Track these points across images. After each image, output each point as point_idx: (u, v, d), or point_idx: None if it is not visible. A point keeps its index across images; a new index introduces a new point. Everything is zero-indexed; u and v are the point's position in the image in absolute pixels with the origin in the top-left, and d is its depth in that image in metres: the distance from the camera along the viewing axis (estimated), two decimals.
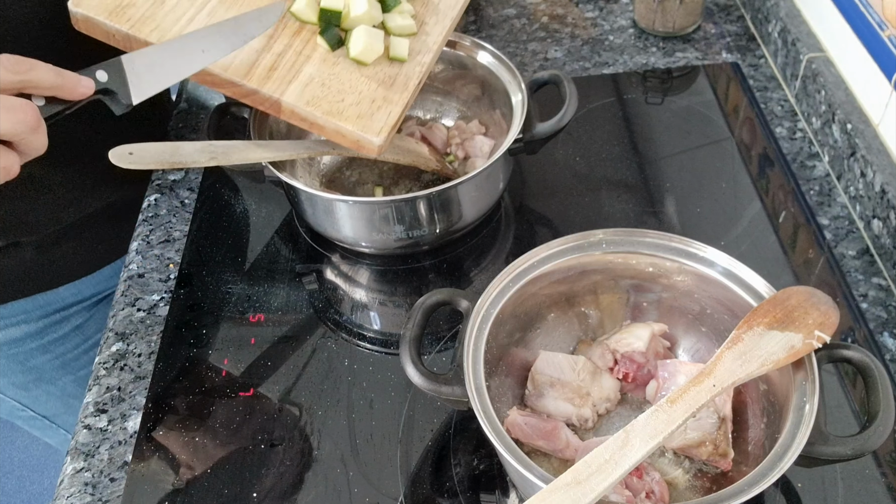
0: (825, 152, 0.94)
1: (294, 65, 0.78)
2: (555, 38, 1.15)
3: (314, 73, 0.78)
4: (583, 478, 0.52)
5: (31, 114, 0.58)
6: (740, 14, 1.16)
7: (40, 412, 1.05)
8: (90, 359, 1.00)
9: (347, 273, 0.88)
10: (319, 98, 0.77)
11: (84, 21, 0.74)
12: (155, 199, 0.96)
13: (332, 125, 0.76)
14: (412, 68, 0.81)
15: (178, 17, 0.76)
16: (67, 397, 1.03)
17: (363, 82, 0.79)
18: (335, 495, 0.69)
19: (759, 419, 0.65)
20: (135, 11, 0.75)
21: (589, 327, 0.74)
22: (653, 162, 0.96)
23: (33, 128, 0.58)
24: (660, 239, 0.69)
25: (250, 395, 0.76)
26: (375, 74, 0.80)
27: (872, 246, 0.84)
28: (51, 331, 0.96)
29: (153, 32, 0.74)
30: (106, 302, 0.99)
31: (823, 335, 0.60)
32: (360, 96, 0.78)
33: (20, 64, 0.59)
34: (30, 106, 0.58)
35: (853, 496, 0.65)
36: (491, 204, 0.87)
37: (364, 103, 0.77)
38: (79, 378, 1.01)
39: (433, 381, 0.62)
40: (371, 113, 0.77)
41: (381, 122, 0.77)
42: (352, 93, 0.78)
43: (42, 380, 0.99)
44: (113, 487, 0.71)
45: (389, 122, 0.77)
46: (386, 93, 0.79)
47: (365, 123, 0.76)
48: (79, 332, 0.98)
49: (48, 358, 0.97)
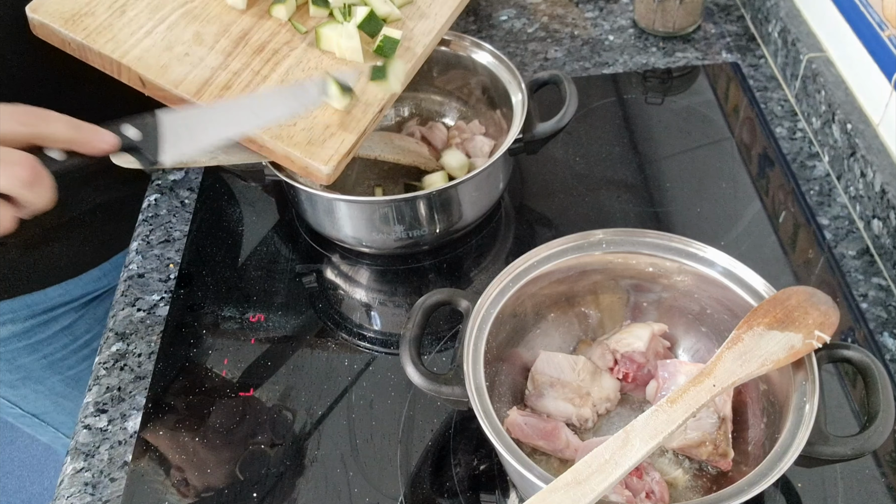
0: (825, 152, 0.94)
1: (249, 84, 0.76)
2: (555, 38, 1.15)
3: None
4: (583, 478, 0.52)
5: (28, 170, 0.55)
6: (740, 14, 1.16)
7: (29, 410, 1.05)
8: (78, 359, 1.00)
9: (347, 273, 0.88)
10: None
11: (41, 27, 0.73)
12: (155, 199, 0.96)
13: (281, 149, 0.74)
14: (372, 96, 0.79)
15: (134, 29, 0.75)
16: (56, 396, 1.03)
17: (320, 107, 0.77)
18: (335, 495, 0.69)
19: (759, 419, 0.65)
20: (92, 21, 0.74)
21: (589, 327, 0.74)
22: (653, 162, 0.96)
23: (29, 184, 0.55)
24: (660, 239, 0.69)
25: (250, 395, 0.76)
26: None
27: (872, 246, 0.84)
28: (38, 331, 0.95)
29: (108, 43, 0.73)
30: (95, 303, 0.99)
31: (823, 335, 0.60)
32: (313, 121, 0.76)
33: (32, 115, 0.57)
34: (29, 161, 0.55)
35: (853, 496, 0.65)
36: (491, 204, 0.87)
37: (317, 129, 0.75)
38: (67, 378, 1.01)
39: (433, 381, 0.62)
40: (323, 140, 0.75)
41: (331, 150, 0.74)
42: (305, 118, 0.75)
43: (30, 379, 0.99)
44: (113, 487, 0.71)
45: (341, 151, 0.75)
46: (342, 119, 0.76)
47: (314, 150, 0.74)
48: (67, 333, 0.98)
49: (35, 358, 0.97)
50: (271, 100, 0.73)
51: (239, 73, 0.76)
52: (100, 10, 0.75)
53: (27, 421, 1.07)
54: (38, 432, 1.10)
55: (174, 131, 0.65)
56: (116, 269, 0.99)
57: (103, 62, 0.74)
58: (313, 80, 0.77)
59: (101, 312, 0.99)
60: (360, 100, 0.78)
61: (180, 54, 0.75)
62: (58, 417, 1.07)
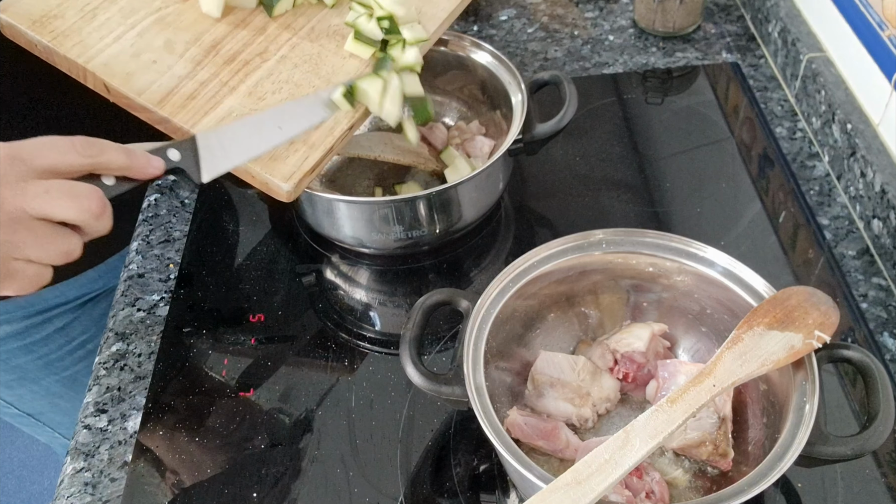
0: (825, 152, 0.94)
1: (216, 95, 0.74)
2: (555, 38, 1.15)
3: (235, 107, 0.74)
4: (583, 478, 0.52)
5: (96, 202, 0.58)
6: (740, 14, 1.16)
7: (25, 410, 1.05)
8: (74, 360, 1.00)
9: (347, 273, 0.88)
10: None
11: (8, 28, 0.72)
12: (155, 199, 0.96)
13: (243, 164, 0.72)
14: (342, 114, 0.77)
15: (104, 34, 0.73)
16: (52, 396, 1.03)
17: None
18: (335, 495, 0.69)
19: (759, 419, 0.65)
20: (60, 24, 0.72)
21: (589, 327, 0.74)
22: (653, 162, 0.96)
23: (98, 216, 0.58)
24: (660, 239, 0.69)
25: (250, 395, 0.76)
26: None
27: (872, 246, 0.84)
28: (33, 331, 0.95)
29: (75, 48, 0.72)
30: (91, 304, 0.99)
31: (823, 335, 0.60)
32: None
33: (91, 147, 0.59)
34: (96, 193, 0.58)
35: (853, 496, 0.65)
36: (491, 204, 0.87)
37: (281, 144, 0.73)
38: (63, 378, 1.01)
39: (433, 381, 0.62)
40: (286, 156, 0.73)
41: (293, 166, 0.72)
42: None
43: (26, 379, 0.99)
44: (113, 487, 0.71)
45: (303, 168, 0.72)
46: (308, 135, 0.74)
47: (276, 166, 0.72)
48: (62, 334, 0.98)
49: (31, 358, 0.97)
50: (293, 112, 0.73)
51: (206, 84, 0.74)
52: (70, 13, 0.73)
53: (24, 421, 1.07)
54: (35, 432, 1.10)
55: (210, 150, 0.66)
56: (112, 271, 0.99)
57: (69, 66, 0.72)
58: (328, 89, 0.77)
59: (97, 314, 0.99)
60: (331, 117, 0.76)
61: (148, 62, 0.74)
62: (54, 417, 1.07)
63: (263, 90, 0.76)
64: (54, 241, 0.57)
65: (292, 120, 0.72)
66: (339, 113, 0.76)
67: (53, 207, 0.56)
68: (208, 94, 0.74)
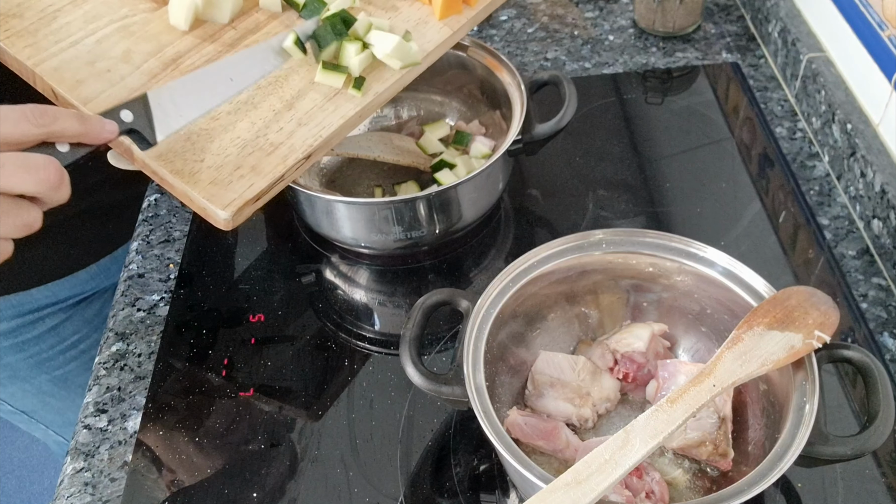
0: (825, 152, 0.94)
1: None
2: (555, 38, 1.15)
3: (183, 125, 0.69)
4: (583, 478, 0.52)
5: (54, 172, 0.56)
6: (740, 14, 1.16)
7: (18, 407, 1.05)
8: (66, 360, 1.00)
9: (347, 273, 0.88)
10: (176, 154, 0.68)
11: None
12: (155, 199, 0.96)
13: (181, 187, 0.68)
14: (301, 140, 0.72)
15: (60, 38, 0.70)
16: (43, 395, 1.03)
17: (236, 144, 0.70)
18: (335, 495, 0.69)
19: (759, 419, 0.65)
20: (17, 24, 0.70)
21: (589, 327, 0.74)
22: (653, 162, 0.96)
23: (56, 186, 0.57)
24: (660, 239, 0.69)
25: (250, 395, 0.76)
26: (258, 137, 0.71)
27: (872, 246, 0.84)
28: (24, 331, 0.95)
29: (26, 49, 0.69)
30: (84, 304, 0.99)
31: (823, 335, 0.60)
32: (224, 160, 0.69)
33: (44, 115, 0.57)
34: (53, 164, 0.57)
35: (853, 496, 0.65)
36: (490, 204, 0.87)
37: (226, 168, 0.69)
38: (54, 378, 1.01)
39: (433, 381, 0.62)
40: (229, 181, 0.68)
41: (235, 193, 0.67)
42: (217, 155, 0.69)
43: (17, 377, 0.99)
44: (113, 487, 0.71)
45: (245, 196, 0.67)
46: (258, 161, 0.70)
47: (216, 192, 0.67)
48: (54, 333, 0.98)
49: (22, 357, 0.97)
50: (244, 62, 0.71)
51: None
52: (30, 13, 0.71)
53: (18, 418, 1.07)
54: (31, 429, 1.11)
55: (162, 108, 0.64)
56: (104, 272, 0.98)
57: (20, 67, 0.70)
58: (278, 37, 0.75)
59: (89, 314, 0.99)
60: (286, 143, 0.72)
61: (102, 70, 0.70)
62: (46, 416, 1.07)
63: (219, 109, 0.72)
64: (13, 215, 0.56)
65: (244, 71, 0.69)
66: (297, 140, 0.72)
67: (10, 181, 0.54)
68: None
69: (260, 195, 0.69)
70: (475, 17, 0.87)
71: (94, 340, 1.00)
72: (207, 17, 0.77)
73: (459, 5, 0.85)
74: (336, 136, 0.75)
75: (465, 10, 0.86)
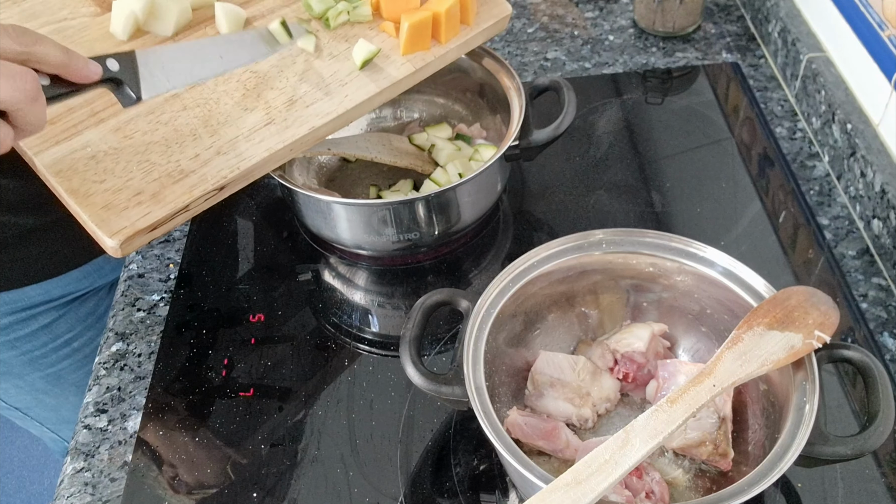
0: (825, 152, 0.94)
1: (79, 125, 0.67)
2: (555, 39, 1.15)
3: (93, 141, 0.67)
4: (583, 478, 0.52)
5: (31, 82, 0.54)
6: (740, 14, 1.16)
7: (12, 404, 1.05)
8: (59, 357, 1.00)
9: (347, 273, 0.88)
10: (76, 172, 0.65)
11: None
12: None
13: (73, 206, 0.64)
14: (216, 170, 0.68)
15: None
16: (36, 392, 1.03)
17: (143, 168, 0.66)
18: (335, 495, 0.69)
19: (759, 419, 0.65)
20: None
21: (589, 327, 0.74)
22: (653, 162, 0.96)
23: (33, 97, 0.54)
24: (660, 239, 0.69)
25: (250, 395, 0.76)
26: (169, 162, 0.67)
27: (872, 246, 0.84)
28: (17, 328, 0.95)
29: None
30: (78, 303, 0.98)
31: (823, 335, 0.60)
32: (125, 183, 0.65)
33: (25, 35, 0.56)
34: (30, 74, 0.55)
35: (853, 496, 0.65)
36: (489, 206, 0.87)
37: (124, 193, 0.65)
38: (47, 375, 1.01)
39: (433, 381, 0.62)
40: (124, 207, 0.64)
41: (127, 221, 0.64)
42: (119, 177, 0.66)
43: (10, 374, 0.99)
44: (113, 487, 0.71)
45: (138, 225, 0.64)
46: (161, 189, 0.66)
47: (107, 218, 0.63)
48: (47, 331, 0.97)
49: (15, 354, 0.97)
50: (236, 43, 0.70)
51: (74, 110, 0.67)
52: None
53: (14, 414, 1.07)
54: (27, 425, 1.11)
55: (149, 69, 0.63)
56: (98, 271, 0.98)
57: None
58: (273, 25, 0.74)
59: (83, 312, 0.99)
60: (198, 172, 0.68)
61: None
62: (41, 413, 1.07)
63: (135, 128, 0.68)
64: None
65: (234, 52, 0.68)
66: (210, 169, 0.68)
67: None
68: (72, 121, 0.67)
69: (156, 225, 0.65)
70: (444, 56, 0.82)
71: (87, 339, 1.00)
72: (150, 28, 0.74)
73: (427, 42, 0.81)
74: (258, 168, 0.71)
75: (433, 48, 0.81)
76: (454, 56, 0.84)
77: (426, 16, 0.79)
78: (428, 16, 0.79)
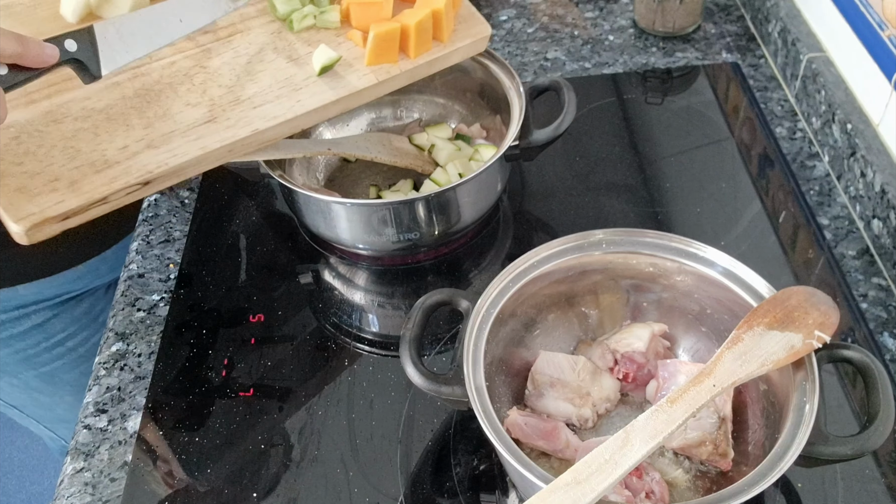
0: (825, 152, 0.94)
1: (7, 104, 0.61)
2: (555, 39, 1.15)
3: (20, 122, 0.64)
4: (583, 478, 0.52)
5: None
6: (740, 14, 1.16)
7: (8, 402, 1.05)
8: (53, 356, 1.00)
9: (347, 273, 0.88)
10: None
11: None
12: (155, 199, 0.96)
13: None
14: (141, 164, 0.65)
15: None
16: (31, 391, 1.03)
17: (67, 154, 0.64)
18: (335, 495, 0.69)
19: (759, 419, 0.65)
20: None
21: (589, 327, 0.74)
22: (653, 162, 0.96)
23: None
24: (660, 239, 0.69)
25: (250, 395, 0.76)
26: (94, 151, 0.65)
27: (872, 246, 0.84)
28: (10, 326, 0.95)
29: None
30: (72, 303, 0.98)
31: (823, 335, 0.60)
32: (44, 168, 0.63)
33: None
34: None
35: (853, 496, 0.65)
36: (489, 206, 0.87)
37: (41, 177, 0.62)
38: (41, 374, 1.01)
39: (433, 381, 0.62)
40: (38, 193, 0.61)
41: (38, 207, 0.61)
42: (40, 161, 0.63)
43: (5, 372, 0.99)
44: (113, 487, 0.71)
45: (48, 213, 0.61)
46: (81, 178, 0.63)
47: (17, 201, 0.60)
48: (40, 330, 0.97)
49: (8, 352, 0.97)
50: (195, 4, 0.68)
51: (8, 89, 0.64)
52: None
53: (12, 412, 1.07)
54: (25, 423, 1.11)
55: (108, 42, 0.62)
56: (93, 272, 0.98)
57: None
58: None
59: (78, 312, 0.99)
60: (122, 164, 0.65)
61: None
62: (36, 411, 1.07)
63: (65, 112, 0.66)
64: None
65: (194, 12, 0.67)
66: (136, 163, 0.65)
67: None
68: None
69: (68, 214, 0.62)
70: (411, 71, 0.80)
71: (82, 338, 1.00)
72: (103, 13, 0.71)
73: (395, 54, 0.79)
74: (190, 166, 0.68)
75: (401, 62, 0.79)
76: (424, 73, 0.82)
77: (394, 27, 0.77)
78: (396, 27, 0.77)
